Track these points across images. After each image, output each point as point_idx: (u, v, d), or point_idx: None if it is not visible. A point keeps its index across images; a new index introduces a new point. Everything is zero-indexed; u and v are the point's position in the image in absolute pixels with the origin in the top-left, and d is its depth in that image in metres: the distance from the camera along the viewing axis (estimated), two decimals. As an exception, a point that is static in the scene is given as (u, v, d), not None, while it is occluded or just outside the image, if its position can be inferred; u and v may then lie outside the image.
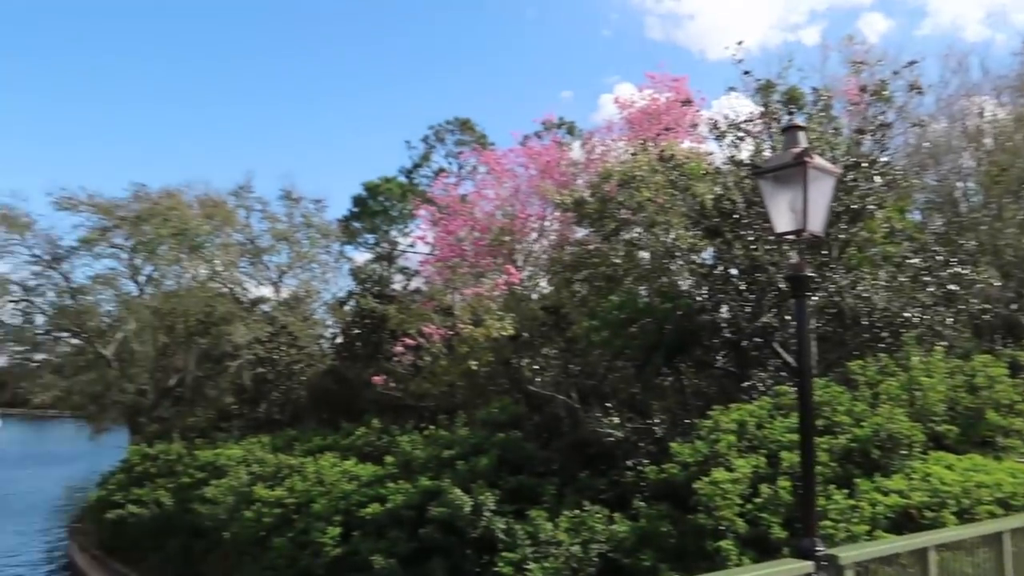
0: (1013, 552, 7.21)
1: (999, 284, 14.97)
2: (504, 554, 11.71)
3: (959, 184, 21.37)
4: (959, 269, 13.30)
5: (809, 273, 5.92)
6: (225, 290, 35.69)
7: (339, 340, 27.54)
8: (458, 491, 13.05)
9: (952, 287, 13.05)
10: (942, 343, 12.50)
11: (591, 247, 18.62)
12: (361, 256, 40.08)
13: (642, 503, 11.41)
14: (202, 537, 19.43)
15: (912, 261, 13.32)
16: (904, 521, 8.58)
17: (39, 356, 39.39)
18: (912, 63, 14.08)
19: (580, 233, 20.46)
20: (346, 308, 34.36)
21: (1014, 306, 16.85)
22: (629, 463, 12.60)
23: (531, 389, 15.48)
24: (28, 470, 59.55)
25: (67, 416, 43.65)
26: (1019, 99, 21.29)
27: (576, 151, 24.92)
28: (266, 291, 37.02)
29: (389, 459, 16.64)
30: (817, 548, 5.49)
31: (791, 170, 5.88)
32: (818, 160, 5.94)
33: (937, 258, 13.47)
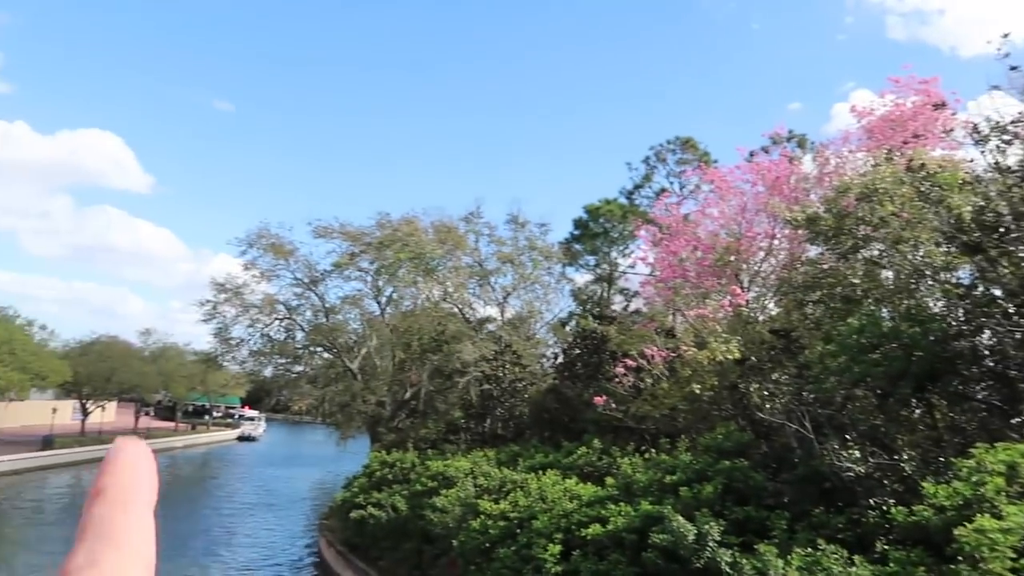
0: None
1: None
2: (730, 588, 11.17)
3: None
4: None
5: None
6: (455, 310, 37.90)
7: (560, 360, 28.09)
8: (681, 518, 12.69)
9: None
10: None
11: (826, 266, 17.46)
12: (582, 277, 40.84)
13: (887, 546, 10.35)
14: (432, 543, 20.62)
15: None
16: None
17: (298, 368, 44.32)
18: None
19: (813, 252, 19.25)
20: (567, 328, 35.09)
21: None
22: (871, 502, 11.50)
23: (759, 416, 14.71)
24: (286, 468, 67.25)
25: (319, 422, 48.63)
26: None
27: (807, 165, 23.54)
28: (492, 311, 38.86)
29: (610, 480, 16.61)
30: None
31: None
32: None
33: None
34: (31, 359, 49.49)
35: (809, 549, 11.12)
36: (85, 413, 65.49)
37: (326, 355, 42.68)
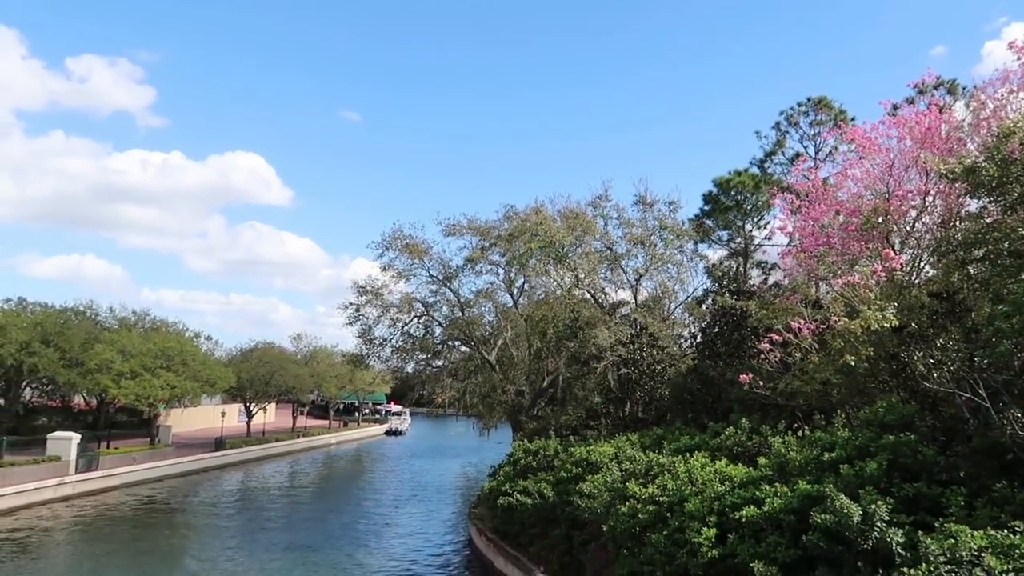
0: None
1: None
2: (905, 570, 10.42)
3: None
4: None
5: None
6: (587, 296, 37.75)
7: (698, 339, 27.34)
8: (844, 497, 11.98)
9: None
10: None
11: (990, 220, 15.97)
12: (715, 253, 39.57)
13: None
14: (581, 528, 20.65)
15: None
16: None
17: (438, 362, 45.70)
18: None
19: (973, 206, 17.66)
20: (703, 307, 34.10)
21: None
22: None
23: (924, 386, 13.66)
24: (433, 460, 69.64)
25: (461, 414, 50.01)
26: None
27: (960, 112, 21.59)
28: (625, 295, 38.40)
29: (762, 460, 15.98)
30: None
31: None
32: None
33: None
34: (201, 368, 53.90)
35: (1005, 531, 10.16)
36: (249, 415, 70.61)
37: (464, 348, 43.74)
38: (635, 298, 36.74)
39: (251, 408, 70.25)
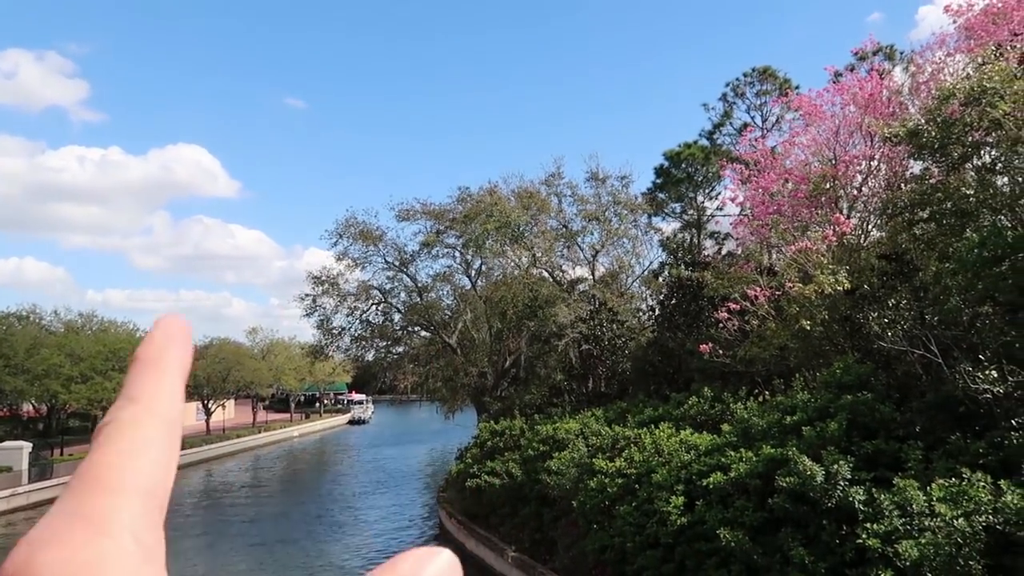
0: None
1: None
2: (868, 526, 10.74)
3: None
4: None
5: None
6: (545, 275, 37.83)
7: (657, 312, 27.64)
8: (807, 459, 12.28)
9: None
10: None
11: (933, 181, 16.38)
12: (669, 226, 39.96)
13: (1040, 468, 9.72)
14: (550, 506, 20.82)
15: None
16: None
17: (398, 349, 45.40)
18: None
19: (917, 168, 18.10)
20: (660, 279, 34.47)
21: None
22: (1014, 423, 10.80)
23: (878, 345, 14.02)
24: (398, 447, 69.45)
25: (424, 399, 49.91)
26: None
27: (899, 77, 22.08)
28: (582, 271, 38.58)
29: (726, 427, 16.28)
30: None
31: None
32: None
33: None
34: (154, 367, 52.50)
35: (953, 480, 10.56)
36: (208, 413, 69.41)
37: (424, 333, 43.53)
38: (593, 274, 36.94)
39: (209, 406, 69.06)
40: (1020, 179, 15.02)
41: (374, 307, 42.93)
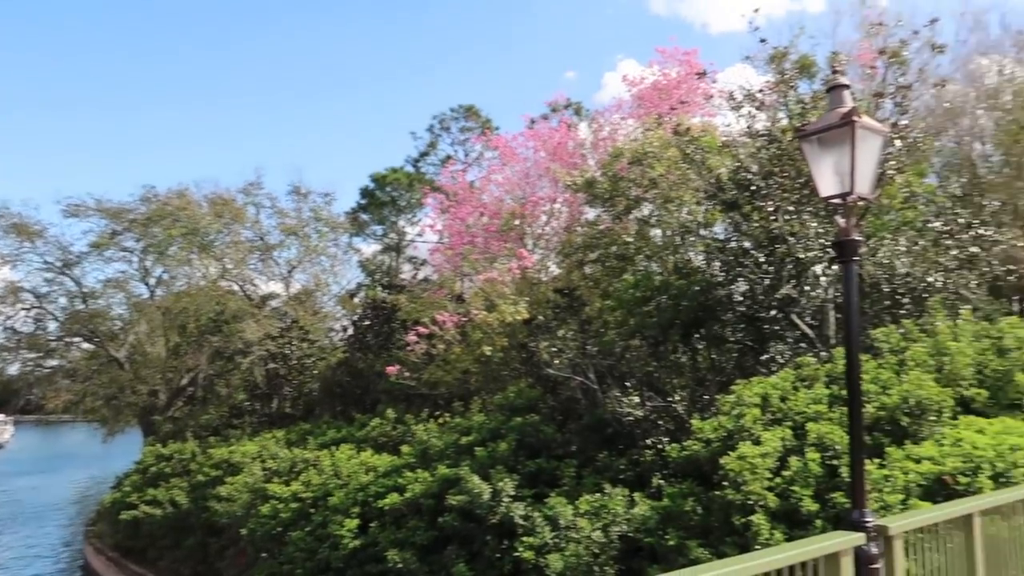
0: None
1: (1021, 244, 14.55)
2: (524, 539, 11.44)
3: (976, 145, 20.84)
4: (981, 231, 12.90)
5: (856, 238, 5.64)
6: (236, 288, 35.58)
7: (350, 332, 27.33)
8: (476, 478, 12.78)
9: (974, 249, 12.67)
10: (966, 307, 12.13)
11: (602, 227, 18.33)
12: (370, 248, 39.98)
13: (662, 481, 11.13)
14: (218, 535, 19.32)
15: (933, 225, 12.94)
16: (938, 488, 8.26)
17: (52, 362, 39.40)
18: (933, 21, 13.64)
19: (591, 214, 20.16)
20: (356, 300, 34.21)
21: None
22: (649, 442, 12.31)
23: (547, 372, 15.19)
24: (42, 476, 59.92)
25: (81, 420, 43.74)
26: (1040, 55, 20.70)
27: (584, 131, 24.60)
28: (276, 287, 36.96)
29: (406, 449, 16.41)
30: (866, 520, 5.23)
31: (838, 131, 5.62)
32: (866, 119, 5.65)
33: (959, 221, 13.07)
34: None
35: (596, 495, 11.67)
36: None
37: (86, 345, 38.27)
38: (287, 290, 35.60)
39: None
40: (669, 232, 17.39)
41: (23, 312, 36.86)
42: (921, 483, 8.38)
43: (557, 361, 14.68)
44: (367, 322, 25.29)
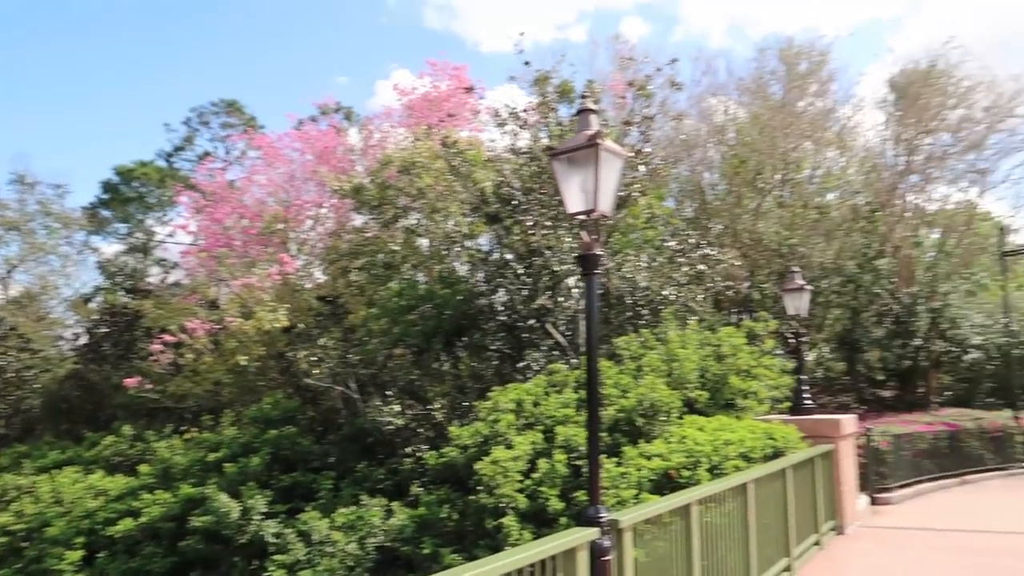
0: (755, 499, 7.90)
1: (738, 264, 16.60)
2: (275, 557, 10.87)
3: (706, 174, 23.57)
4: (708, 251, 14.52)
5: (598, 252, 5.96)
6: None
7: (83, 341, 24.41)
8: (224, 496, 11.94)
9: (702, 267, 14.22)
10: (694, 317, 13.55)
11: (369, 234, 18.10)
12: (111, 247, 36.06)
13: (420, 489, 11.14)
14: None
15: (669, 244, 14.32)
16: (664, 482, 9.05)
17: None
18: (673, 60, 15.17)
19: (358, 220, 19.82)
20: (92, 305, 30.64)
21: (748, 283, 18.81)
22: (409, 450, 12.29)
23: (307, 382, 14.64)
24: None
25: None
26: (755, 100, 23.83)
27: (354, 137, 24.17)
28: (-8, 289, 31.98)
29: (144, 468, 14.93)
30: (601, 515, 5.53)
31: (584, 151, 5.92)
32: (609, 143, 6.01)
33: (690, 241, 14.60)
34: None
35: (353, 507, 11.40)
36: None
37: None
38: (6, 292, 30.96)
39: None
40: (436, 242, 17.58)
41: None
42: (652, 478, 9.14)
43: (317, 371, 14.22)
44: (104, 329, 22.77)
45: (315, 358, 14.88)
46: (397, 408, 12.83)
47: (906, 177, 23.32)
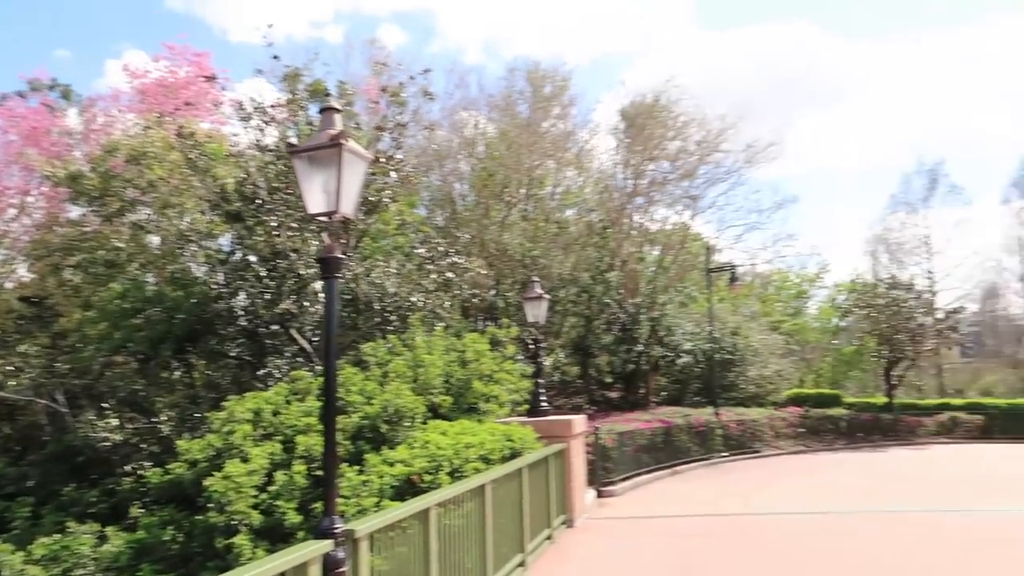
0: (493, 499, 8.22)
1: (485, 272, 17.25)
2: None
3: (456, 185, 24.27)
4: (456, 259, 14.92)
5: (339, 255, 5.80)
6: None
7: None
8: None
9: (450, 275, 14.57)
10: (441, 324, 13.83)
11: (88, 229, 16.23)
12: None
13: (141, 511, 10.13)
14: None
15: (419, 251, 14.50)
16: (407, 488, 9.09)
17: None
18: (427, 71, 15.34)
19: (75, 212, 17.66)
20: None
21: (494, 291, 19.65)
22: (129, 468, 11.13)
23: (2, 395, 12.68)
24: None
25: None
26: (504, 117, 25.00)
27: (73, 119, 21.50)
28: None
29: None
30: (335, 526, 5.39)
31: (327, 151, 5.71)
32: (352, 144, 5.86)
33: (439, 249, 14.90)
34: None
35: (57, 536, 10.06)
36: None
37: None
38: None
39: None
40: (169, 240, 16.17)
41: None
42: (394, 484, 9.12)
43: (14, 382, 12.39)
44: None
45: (12, 368, 12.96)
46: (115, 422, 11.57)
47: (633, 199, 25.85)
